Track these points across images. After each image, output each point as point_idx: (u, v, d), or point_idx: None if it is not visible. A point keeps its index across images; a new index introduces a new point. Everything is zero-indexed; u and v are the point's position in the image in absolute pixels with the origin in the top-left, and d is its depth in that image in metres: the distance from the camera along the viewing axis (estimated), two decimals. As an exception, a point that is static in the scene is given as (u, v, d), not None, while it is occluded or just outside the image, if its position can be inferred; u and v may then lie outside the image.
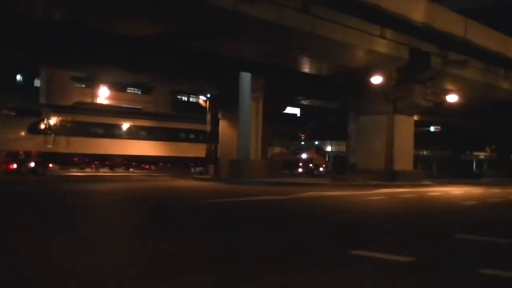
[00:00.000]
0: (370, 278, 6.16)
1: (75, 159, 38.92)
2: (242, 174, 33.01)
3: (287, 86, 37.84)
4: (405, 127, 35.46)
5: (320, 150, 49.00)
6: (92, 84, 54.26)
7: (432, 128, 52.37)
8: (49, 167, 37.47)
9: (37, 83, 57.74)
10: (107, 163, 42.02)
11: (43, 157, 35.87)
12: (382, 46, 30.80)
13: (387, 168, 34.11)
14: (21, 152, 34.97)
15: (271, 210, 15.05)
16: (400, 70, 33.24)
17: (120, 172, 41.82)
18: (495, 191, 28.87)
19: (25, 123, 36.08)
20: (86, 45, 29.01)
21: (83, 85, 56.66)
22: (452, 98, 37.50)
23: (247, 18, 23.89)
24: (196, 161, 43.70)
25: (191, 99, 68.50)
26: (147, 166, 45.16)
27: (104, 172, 41.52)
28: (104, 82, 53.57)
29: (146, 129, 42.79)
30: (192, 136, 45.04)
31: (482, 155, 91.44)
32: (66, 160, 38.73)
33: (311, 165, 48.01)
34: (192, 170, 45.56)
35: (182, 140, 44.61)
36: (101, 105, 50.53)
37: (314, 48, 29.26)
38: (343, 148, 54.58)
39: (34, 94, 52.51)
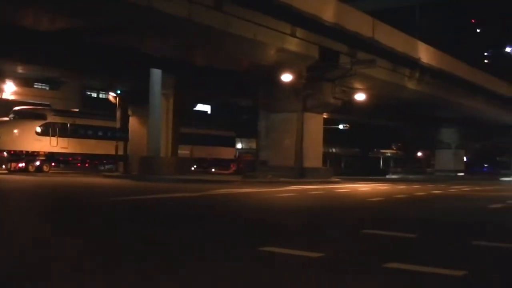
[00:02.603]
0: (278, 272, 6.17)
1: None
2: (152, 171, 32.68)
3: (198, 83, 37.74)
4: (314, 124, 36.06)
5: None
6: (-5, 78, 52.05)
7: (341, 126, 53.65)
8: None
9: None
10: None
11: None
12: (292, 45, 31.18)
13: (297, 165, 34.60)
14: (23, 152, 39.11)
15: (181, 208, 14.87)
16: (310, 68, 33.77)
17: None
18: (400, 187, 29.76)
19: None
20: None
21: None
22: (360, 96, 38.45)
23: (159, 13, 23.62)
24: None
25: (101, 96, 66.96)
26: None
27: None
28: (9, 76, 51.45)
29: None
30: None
31: (388, 152, 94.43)
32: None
33: None
34: (102, 167, 44.67)
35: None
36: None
37: (226, 46, 29.29)
38: (254, 145, 54.87)
39: None
